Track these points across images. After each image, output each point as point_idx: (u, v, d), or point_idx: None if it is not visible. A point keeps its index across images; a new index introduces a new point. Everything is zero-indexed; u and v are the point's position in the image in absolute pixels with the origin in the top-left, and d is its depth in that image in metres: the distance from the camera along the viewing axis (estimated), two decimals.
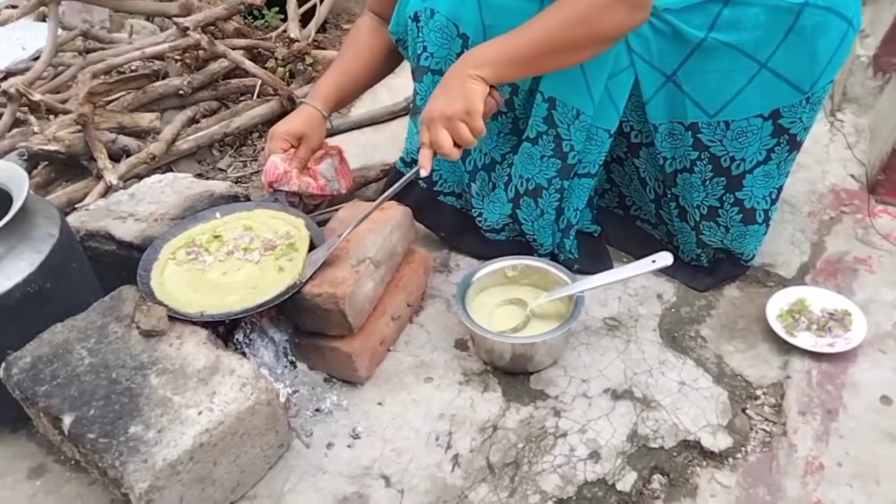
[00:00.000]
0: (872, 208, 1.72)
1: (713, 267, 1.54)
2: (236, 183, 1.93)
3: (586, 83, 1.34)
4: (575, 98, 1.36)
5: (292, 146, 1.51)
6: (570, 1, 1.18)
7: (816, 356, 1.36)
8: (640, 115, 1.39)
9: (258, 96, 2.21)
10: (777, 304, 1.44)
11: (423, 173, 1.24)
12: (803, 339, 1.37)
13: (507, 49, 1.21)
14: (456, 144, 1.22)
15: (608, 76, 1.33)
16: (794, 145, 1.34)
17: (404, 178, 1.28)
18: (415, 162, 1.59)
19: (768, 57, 1.24)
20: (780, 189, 1.41)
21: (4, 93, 1.73)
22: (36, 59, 2.20)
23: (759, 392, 1.32)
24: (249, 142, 2.12)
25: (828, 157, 1.90)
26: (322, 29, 2.79)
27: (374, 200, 1.73)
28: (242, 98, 2.24)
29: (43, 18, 2.20)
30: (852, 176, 1.83)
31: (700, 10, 1.24)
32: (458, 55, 1.35)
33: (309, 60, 2.39)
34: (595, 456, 1.20)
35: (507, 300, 1.44)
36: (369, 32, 1.58)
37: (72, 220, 1.40)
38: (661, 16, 1.26)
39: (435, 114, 1.21)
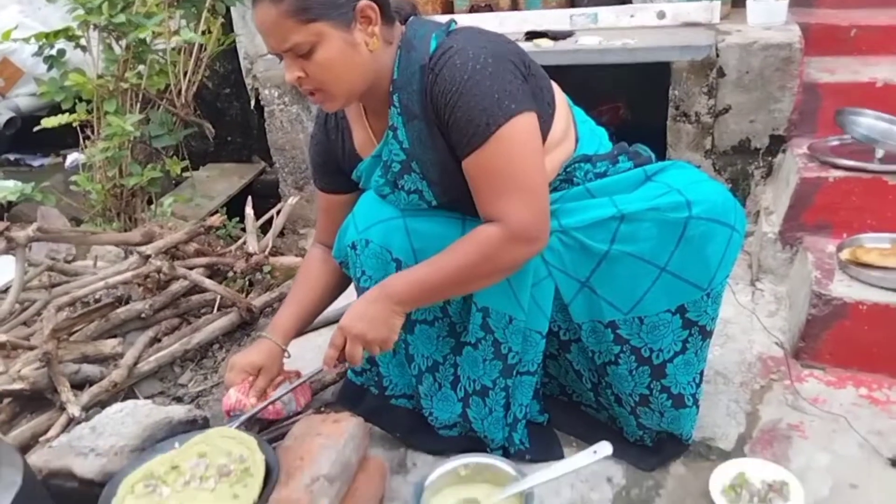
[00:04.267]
0: (798, 373, 1.84)
1: (657, 446, 1.61)
2: (198, 397, 2.00)
3: (513, 292, 1.48)
4: (506, 306, 1.50)
5: (251, 375, 1.60)
6: (474, 241, 1.37)
7: None
8: (566, 315, 1.52)
9: (218, 308, 2.32)
10: (719, 479, 1.51)
11: (326, 369, 1.50)
12: None
13: (423, 285, 1.41)
14: None
15: (532, 284, 1.48)
16: (706, 334, 1.48)
17: (306, 377, 1.60)
18: (365, 371, 1.70)
19: (666, 262, 1.40)
20: (701, 373, 1.53)
21: None
22: (4, 291, 2.31)
23: None
24: (210, 354, 2.20)
25: (752, 327, 2.04)
26: (280, 234, 2.97)
27: (329, 407, 1.82)
28: (203, 311, 2.35)
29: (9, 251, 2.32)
30: (777, 343, 1.96)
31: (601, 227, 1.42)
32: None
33: (267, 269, 2.53)
34: None
35: (462, 500, 1.48)
36: (319, 262, 1.73)
37: (35, 459, 1.44)
38: (569, 233, 1.45)
39: (356, 332, 1.41)
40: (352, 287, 1.67)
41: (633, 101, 3.36)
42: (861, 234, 2.04)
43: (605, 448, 1.44)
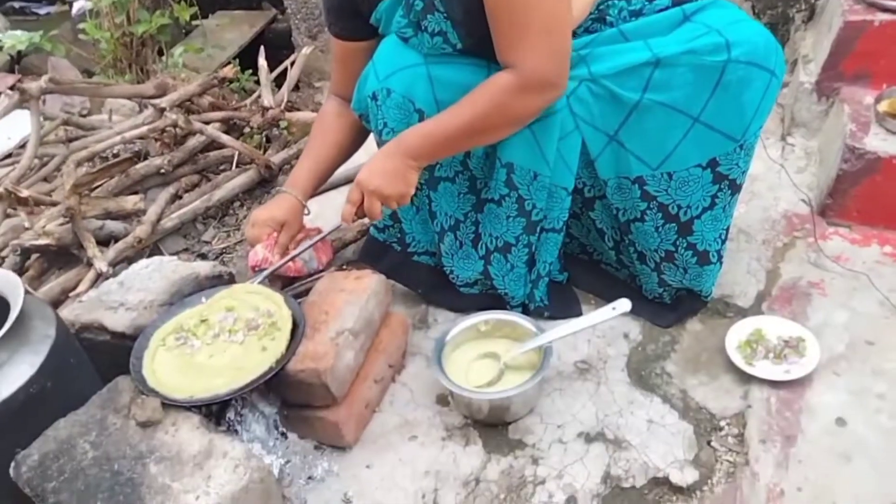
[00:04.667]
0: (823, 231, 1.82)
1: (675, 304, 1.63)
2: (221, 254, 2.03)
3: (539, 148, 1.44)
4: (531, 161, 1.46)
5: (274, 231, 1.60)
6: (487, 90, 1.33)
7: (775, 384, 1.44)
8: (591, 171, 1.49)
9: (237, 165, 2.30)
10: (735, 335, 1.53)
11: (345, 225, 1.53)
12: (761, 368, 1.46)
13: (437, 138, 1.39)
14: None
15: (558, 139, 1.44)
16: (735, 188, 1.44)
17: (327, 232, 1.61)
18: (387, 228, 1.70)
19: (700, 111, 1.34)
20: (727, 229, 1.51)
21: None
22: (22, 146, 2.30)
23: (722, 423, 1.41)
24: (231, 211, 2.21)
25: (780, 183, 1.99)
26: (295, 87, 2.89)
27: (351, 264, 1.84)
28: (222, 167, 2.34)
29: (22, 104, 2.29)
30: (803, 200, 1.92)
31: (633, 74, 1.35)
32: None
33: (284, 125, 2.49)
34: (572, 500, 1.29)
35: (481, 354, 1.53)
36: (335, 116, 1.68)
37: (66, 313, 1.48)
38: (598, 82, 1.38)
39: (372, 187, 1.41)
40: (370, 142, 1.64)
41: None
42: None
43: (623, 304, 1.46)
